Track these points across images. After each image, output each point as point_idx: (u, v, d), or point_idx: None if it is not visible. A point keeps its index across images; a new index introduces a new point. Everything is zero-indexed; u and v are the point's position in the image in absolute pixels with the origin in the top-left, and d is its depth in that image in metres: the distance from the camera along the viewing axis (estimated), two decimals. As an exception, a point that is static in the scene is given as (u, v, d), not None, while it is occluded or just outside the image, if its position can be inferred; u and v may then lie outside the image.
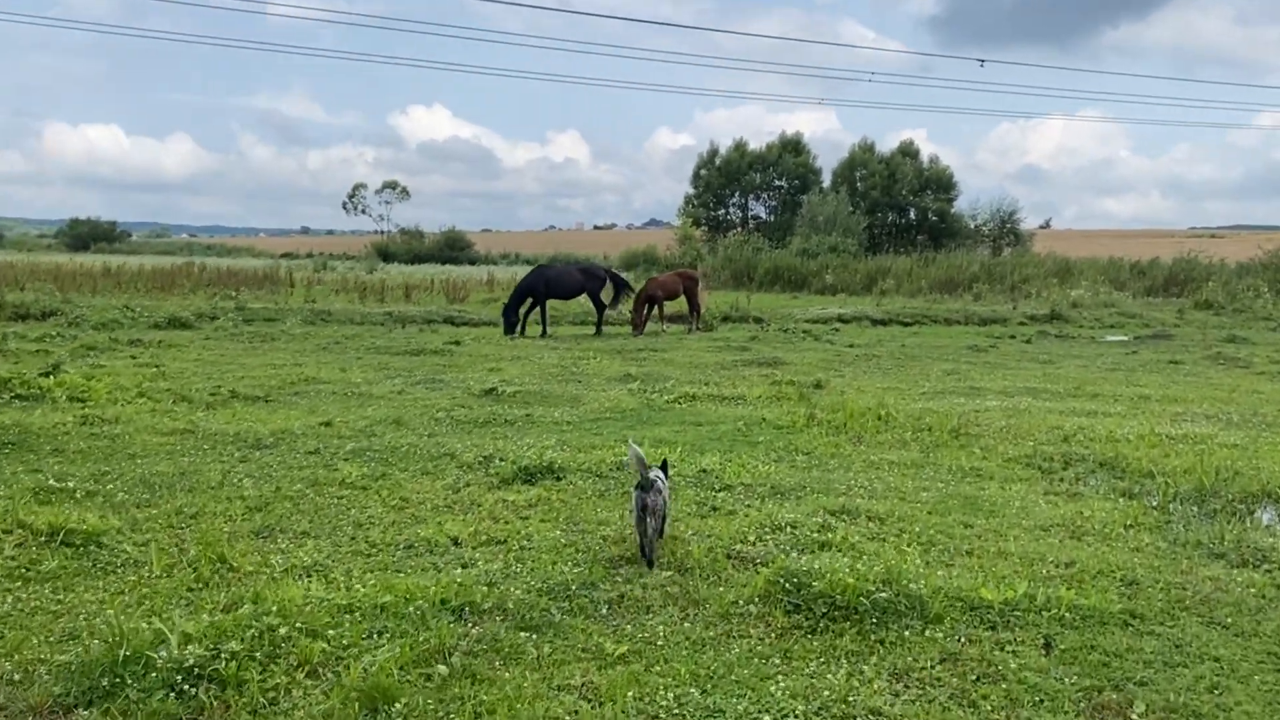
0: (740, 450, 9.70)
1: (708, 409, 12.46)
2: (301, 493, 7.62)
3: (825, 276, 48.97)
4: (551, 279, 23.28)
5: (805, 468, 9.10)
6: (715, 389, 14.12)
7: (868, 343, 22.41)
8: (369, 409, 11.89)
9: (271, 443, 9.70)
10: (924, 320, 31.83)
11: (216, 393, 12.55)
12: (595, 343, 21.29)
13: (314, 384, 13.89)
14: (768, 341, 21.57)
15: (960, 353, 20.86)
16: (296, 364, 16.06)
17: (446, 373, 15.56)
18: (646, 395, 13.37)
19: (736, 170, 77.63)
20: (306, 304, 29.56)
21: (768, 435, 10.66)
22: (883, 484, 8.52)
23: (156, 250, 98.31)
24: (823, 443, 10.28)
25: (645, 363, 17.62)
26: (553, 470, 8.29)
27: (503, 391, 13.17)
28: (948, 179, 74.92)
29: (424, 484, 8.02)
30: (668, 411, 12.26)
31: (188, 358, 16.47)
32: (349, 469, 8.28)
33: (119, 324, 22.42)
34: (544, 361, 17.21)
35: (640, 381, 14.73)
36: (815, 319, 31.24)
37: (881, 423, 11.38)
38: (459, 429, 10.67)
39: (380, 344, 19.22)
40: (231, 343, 19.39)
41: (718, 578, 5.87)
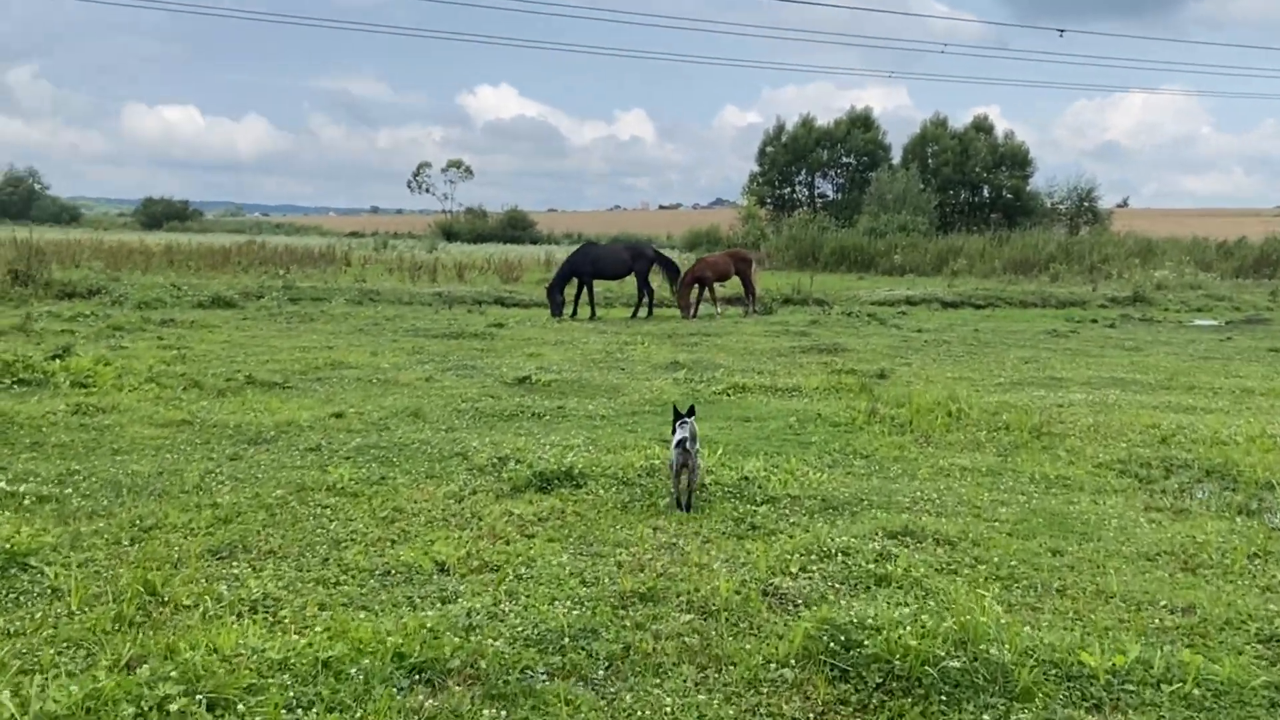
0: (789, 452, 8.58)
1: (758, 402, 11.33)
2: (282, 500, 6.69)
3: (893, 256, 47.25)
4: (597, 258, 22.23)
5: (863, 475, 7.95)
6: (768, 379, 12.97)
7: (937, 327, 21.02)
8: (389, 398, 10.98)
9: (271, 437, 8.81)
10: (998, 302, 30.22)
11: (233, 378, 11.74)
12: (645, 326, 20.21)
13: (339, 369, 13.04)
14: (829, 326, 20.31)
15: (1038, 338, 19.39)
16: (327, 346, 15.25)
17: (483, 358, 14.62)
18: (692, 385, 12.28)
19: (803, 147, 75.66)
20: (356, 283, 28.91)
21: (822, 434, 9.51)
22: (953, 496, 7.34)
23: (227, 229, 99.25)
24: (884, 444, 9.11)
25: (696, 349, 16.51)
26: (572, 476, 7.26)
27: (536, 380, 12.17)
28: (1023, 155, 72.25)
29: (424, 491, 7.04)
30: (714, 405, 11.16)
31: (217, 339, 15.76)
32: (344, 471, 7.33)
33: (161, 303, 21.89)
34: (588, 346, 16.19)
35: (687, 370, 13.64)
36: (882, 301, 29.82)
37: (952, 419, 10.16)
38: (480, 423, 9.70)
39: (420, 326, 18.38)
40: (269, 323, 18.70)
41: (749, 624, 4.79)
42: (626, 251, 22.55)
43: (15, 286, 23.39)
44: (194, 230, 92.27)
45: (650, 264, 22.16)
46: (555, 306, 21.48)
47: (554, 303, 21.49)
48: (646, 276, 22.15)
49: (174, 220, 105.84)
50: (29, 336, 14.84)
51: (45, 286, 23.99)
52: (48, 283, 24.21)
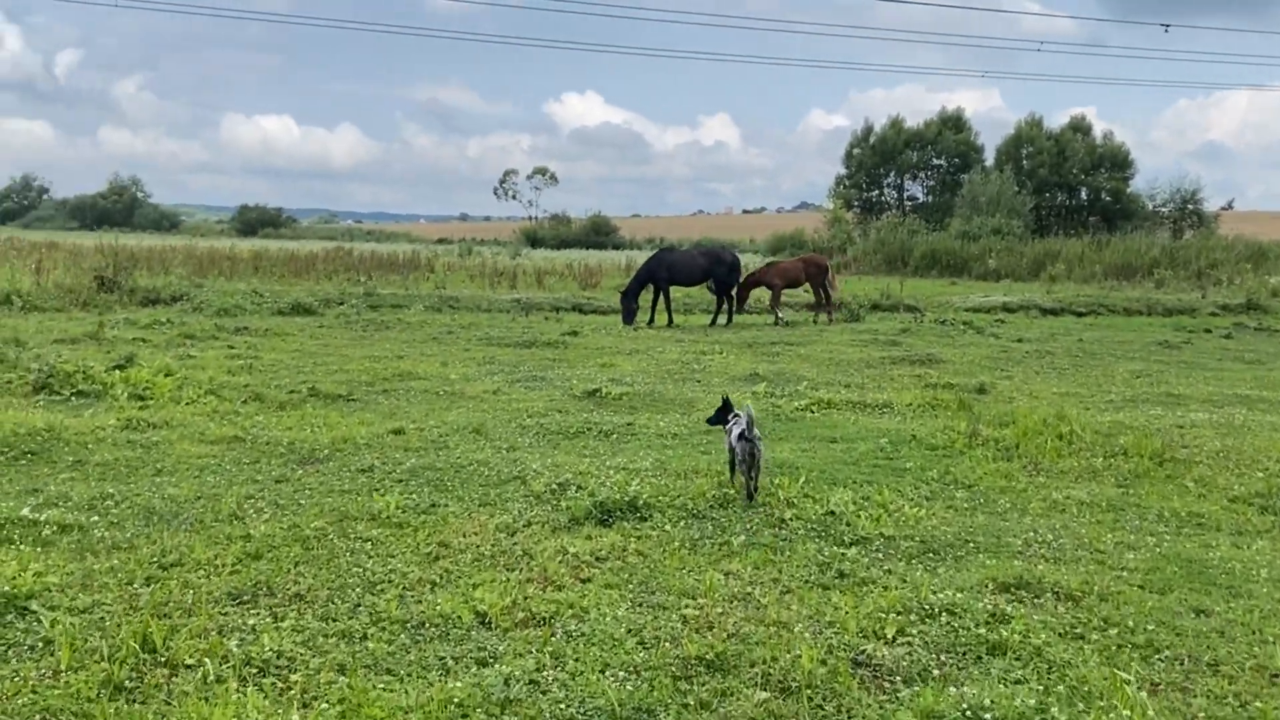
0: (881, 481, 7.74)
1: (845, 420, 10.49)
2: (321, 532, 6.11)
3: (987, 261, 45.59)
4: (673, 264, 21.48)
5: (966, 510, 7.08)
6: (856, 393, 12.11)
7: (1039, 336, 19.81)
8: (453, 412, 10.42)
9: (325, 456, 8.29)
10: (1100, 310, 28.69)
11: (296, 390, 11.32)
12: (725, 335, 19.41)
13: (407, 380, 12.55)
14: (921, 334, 19.27)
15: (1149, 349, 18.09)
16: (398, 356, 14.81)
17: (554, 368, 14.01)
18: (773, 400, 11.48)
19: (892, 149, 73.94)
20: (436, 290, 28.68)
21: (918, 459, 8.63)
22: (1071, 537, 6.44)
23: (319, 235, 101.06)
24: (988, 471, 8.21)
25: (777, 359, 15.67)
26: (636, 507, 6.55)
27: (607, 393, 11.51)
28: (1123, 156, 69.48)
29: (475, 522, 6.40)
30: (796, 423, 10.35)
31: (288, 348, 15.46)
32: (392, 498, 6.74)
33: (240, 309, 21.83)
34: (663, 356, 15.47)
35: (768, 383, 12.83)
36: (976, 308, 28.54)
37: (1063, 443, 9.19)
38: (544, 441, 9.05)
39: (494, 334, 17.87)
40: (344, 330, 18.40)
41: (837, 704, 4.02)
42: (703, 257, 21.76)
43: (100, 293, 23.59)
44: (287, 237, 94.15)
45: (729, 269, 21.34)
46: (627, 314, 20.82)
47: (626, 310, 20.84)
48: (725, 282, 21.33)
49: (268, 227, 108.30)
50: (100, 344, 14.69)
51: (130, 293, 24.16)
52: (132, 289, 24.38)
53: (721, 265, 21.30)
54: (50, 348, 13.98)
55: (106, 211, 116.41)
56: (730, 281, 21.43)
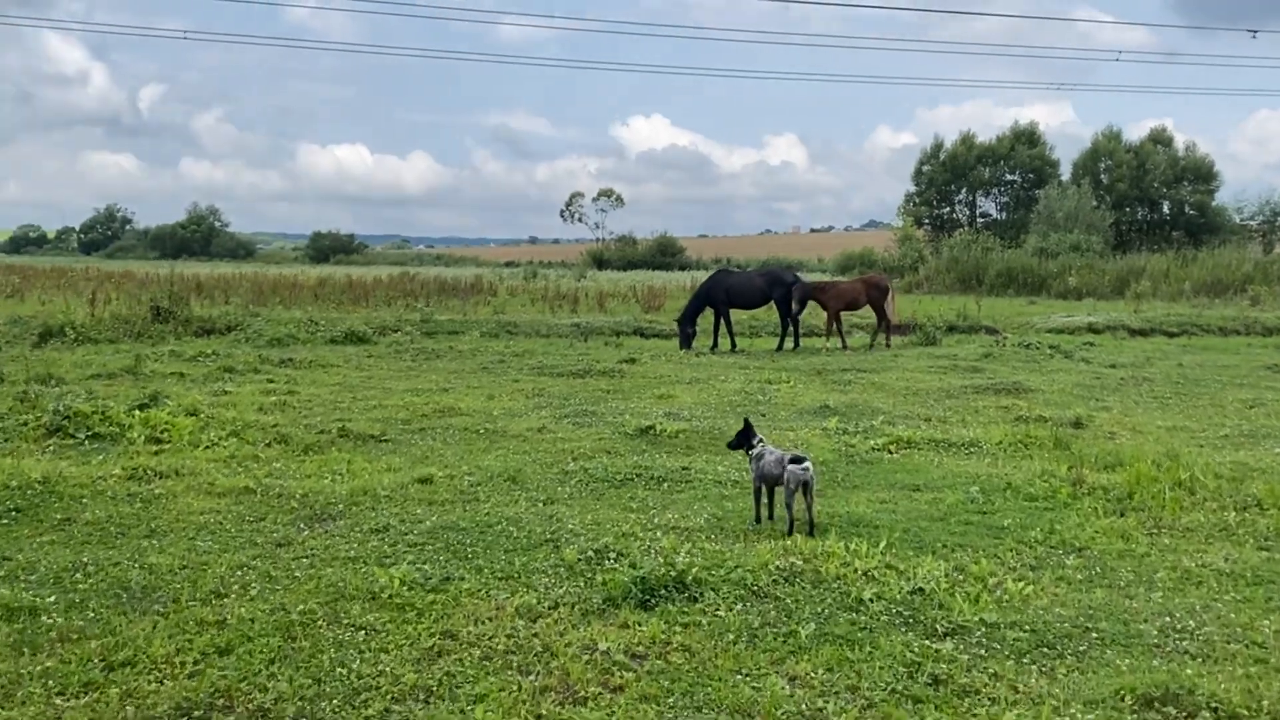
0: (976, 544, 6.60)
1: (928, 463, 9.33)
2: (309, 616, 5.18)
3: (1067, 279, 43.70)
4: (730, 286, 20.38)
5: (1081, 583, 5.91)
6: (938, 429, 10.93)
7: (1133, 361, 18.32)
8: (491, 455, 9.48)
9: (338, 512, 7.40)
10: (1193, 330, 26.92)
11: (326, 430, 10.50)
12: (792, 360, 18.27)
13: (447, 416, 11.68)
14: (1004, 359, 17.93)
15: (1258, 375, 16.53)
16: (443, 389, 13.96)
17: (607, 400, 13.04)
18: (845, 438, 10.35)
19: (963, 165, 72.01)
20: (495, 315, 27.98)
21: (1016, 513, 7.46)
22: (1217, 622, 5.25)
23: (389, 261, 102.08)
24: (1100, 528, 7.01)
25: (849, 388, 14.51)
26: (685, 585, 5.50)
27: (661, 431, 10.49)
28: (1207, 168, 66.70)
29: (491, 603, 5.41)
30: (872, 465, 9.22)
31: (329, 381, 14.71)
32: (400, 570, 5.78)
33: (293, 339, 21.26)
34: (725, 386, 14.40)
35: (840, 416, 11.70)
36: (1060, 329, 26.97)
37: (1184, 492, 7.94)
38: (586, 492, 8.05)
39: (548, 362, 16.97)
40: (393, 361, 17.65)
41: None
42: (762, 278, 20.63)
43: (155, 324, 23.25)
44: (358, 263, 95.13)
45: (789, 291, 20.19)
46: (684, 339, 19.79)
47: (684, 335, 19.82)
48: (789, 305, 20.17)
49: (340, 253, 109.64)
50: (137, 379, 14.10)
51: (185, 323, 23.78)
52: (187, 319, 24.01)
53: (781, 286, 20.16)
54: (83, 384, 13.40)
55: (185, 241, 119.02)
56: (789, 302, 20.31)
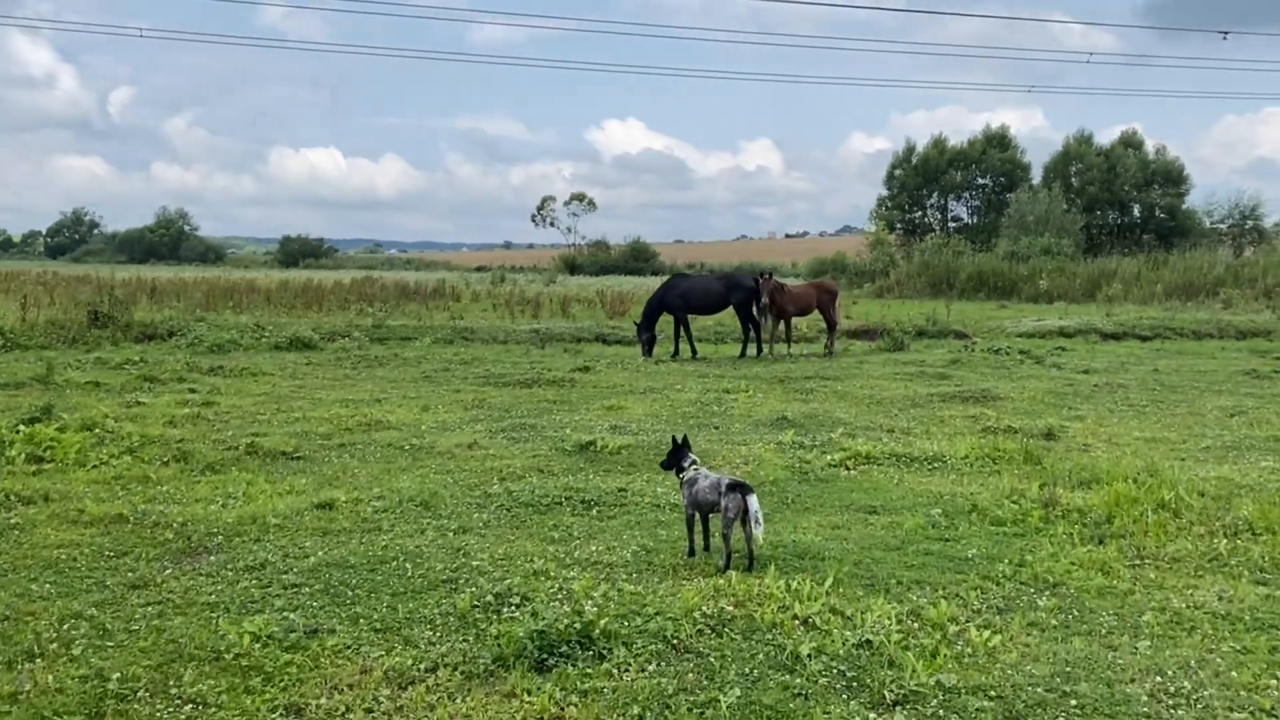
0: (936, 581, 5.79)
1: (887, 481, 8.53)
2: (129, 686, 4.28)
3: (1038, 282, 43.22)
4: (686, 291, 19.55)
5: (1057, 629, 5.10)
6: (901, 442, 10.14)
7: (1106, 366, 17.63)
8: (409, 475, 8.60)
9: (218, 544, 6.50)
10: (1166, 333, 26.34)
11: (235, 446, 9.59)
12: (754, 368, 17.45)
13: (373, 430, 10.78)
14: (974, 366, 17.19)
15: (1236, 380, 15.87)
16: (377, 399, 13.06)
17: (552, 412, 12.18)
18: (800, 453, 9.53)
19: (935, 169, 71.68)
20: (453, 320, 27.03)
21: (982, 541, 6.66)
22: (1215, 681, 4.46)
23: (359, 265, 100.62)
24: (1075, 559, 6.22)
25: (811, 397, 13.71)
26: (592, 639, 4.65)
27: (602, 447, 9.63)
28: (1177, 172, 66.72)
29: (357, 665, 4.54)
30: (827, 484, 8.41)
31: (257, 391, 13.76)
32: (258, 621, 4.90)
33: (235, 344, 20.29)
34: (680, 396, 13.55)
35: (797, 429, 10.89)
36: (1031, 333, 26.34)
37: (1168, 514, 7.17)
38: (505, 519, 7.18)
39: (497, 370, 16.06)
40: (332, 368, 16.70)
41: None
42: (720, 282, 19.80)
43: (92, 329, 22.17)
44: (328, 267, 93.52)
45: (751, 295, 19.38)
46: (645, 346, 18.97)
47: (643, 342, 19.00)
48: (750, 310, 19.37)
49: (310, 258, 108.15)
50: (47, 388, 13.11)
51: (125, 328, 22.72)
52: (127, 324, 22.95)
53: (740, 291, 19.33)
54: (-16, 395, 12.39)
55: (154, 245, 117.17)
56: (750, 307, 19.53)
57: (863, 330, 26.90)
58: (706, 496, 6.02)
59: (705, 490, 6.03)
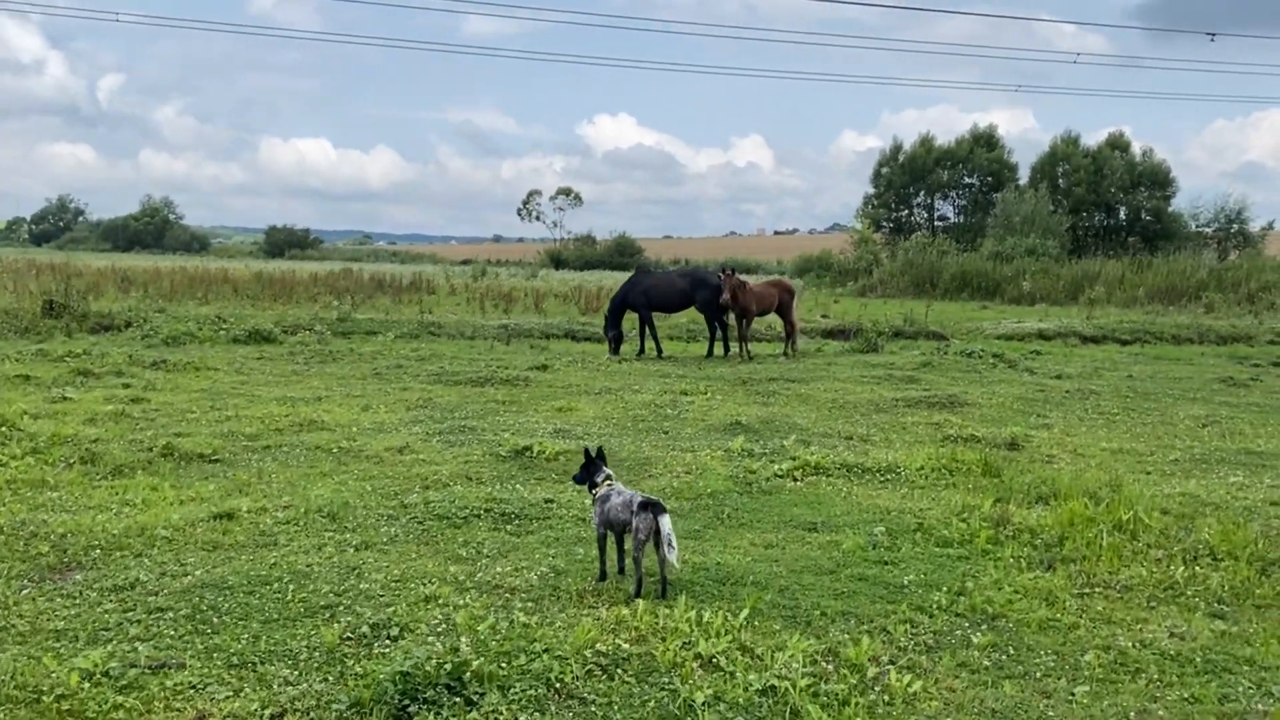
0: (865, 610, 5.32)
1: (834, 493, 8.06)
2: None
3: (1021, 283, 42.85)
4: (649, 288, 19.05)
5: (988, 671, 4.63)
6: (856, 451, 9.68)
7: (1081, 372, 17.19)
8: (327, 483, 8.09)
9: (93, 559, 5.98)
10: (1146, 337, 26.00)
11: (151, 447, 9.06)
12: (719, 368, 16.97)
13: (305, 431, 10.26)
14: (945, 370, 16.73)
15: (1211, 388, 15.46)
16: (319, 397, 12.53)
17: (499, 413, 11.68)
18: (748, 461, 9.04)
19: (922, 167, 71.24)
20: (422, 314, 26.48)
21: (923, 565, 6.19)
22: (1157, 736, 3.99)
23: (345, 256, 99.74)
24: (1021, 587, 5.76)
25: (772, 400, 13.23)
26: (463, 683, 4.15)
27: (539, 452, 9.13)
28: (1164, 174, 66.37)
29: (195, 706, 4.04)
30: (770, 496, 7.93)
31: (196, 386, 13.21)
32: (95, 656, 4.39)
33: (191, 337, 19.73)
34: (636, 398, 13.05)
35: (750, 435, 10.41)
36: (1010, 334, 25.97)
37: (1125, 536, 6.72)
38: (415, 533, 6.68)
39: (452, 368, 15.52)
40: (283, 363, 16.14)
41: None
42: (684, 279, 19.27)
43: (46, 318, 21.57)
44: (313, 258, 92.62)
45: (716, 294, 18.91)
46: (612, 344, 18.50)
47: (610, 340, 18.52)
48: (715, 309, 18.89)
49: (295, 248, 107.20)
50: (-28, 383, 12.54)
51: (81, 319, 22.15)
52: (84, 315, 22.38)
53: (705, 288, 18.81)
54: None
55: (138, 233, 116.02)
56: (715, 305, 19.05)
57: (838, 330, 26.46)
58: (619, 515, 5.54)
59: (617, 508, 5.56)
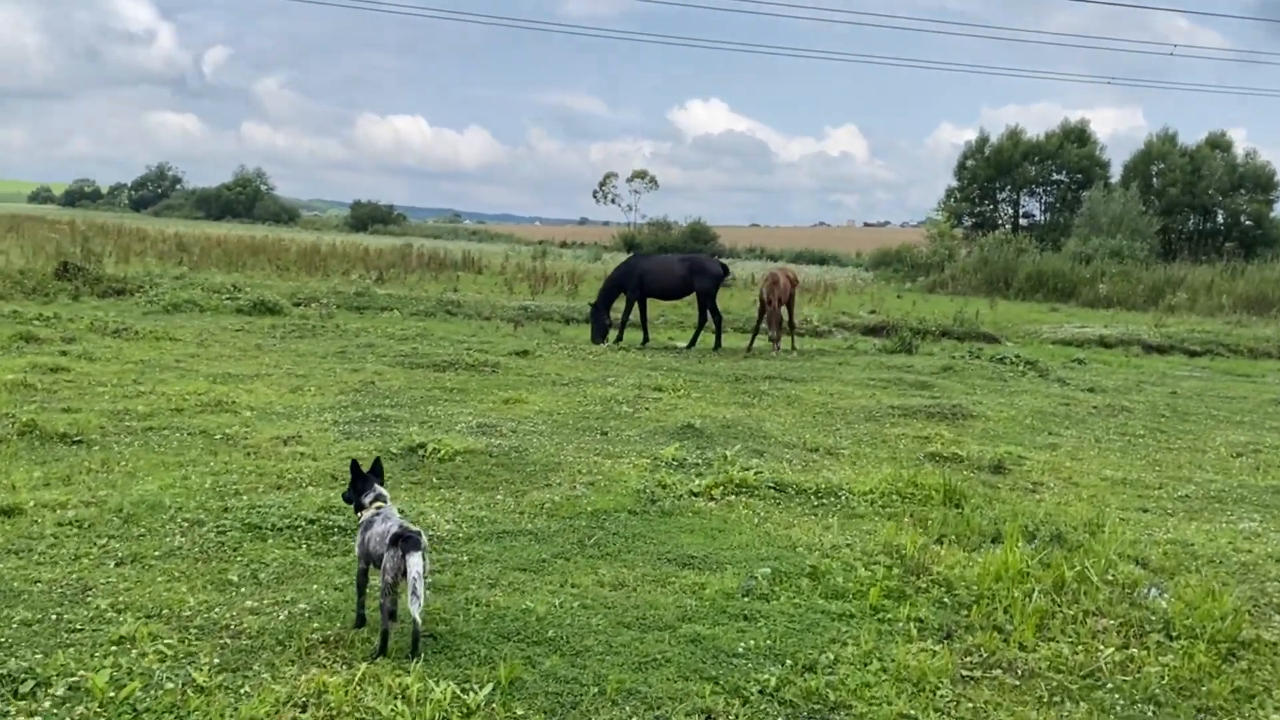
0: (662, 691, 4.14)
1: (744, 520, 6.85)
2: None
3: (1098, 286, 40.47)
4: (645, 272, 17.86)
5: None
6: (807, 468, 8.45)
7: (1121, 385, 15.51)
8: (169, 474, 7.15)
9: None
10: (1219, 350, 23.95)
11: (16, 422, 8.24)
12: (715, 362, 15.72)
13: (208, 412, 9.39)
14: (966, 375, 15.22)
15: (1265, 410, 13.70)
16: (256, 375, 11.67)
17: (436, 402, 10.68)
18: (666, 474, 7.85)
19: (1009, 161, 68.35)
20: (444, 292, 25.71)
21: (784, 623, 4.97)
22: None
23: (425, 233, 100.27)
24: (893, 667, 4.52)
25: (755, 402, 11.98)
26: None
27: (434, 451, 8.09)
28: (1267, 177, 62.63)
29: None
30: (664, 520, 6.76)
31: (137, 357, 12.46)
32: None
33: (194, 304, 19.27)
34: (600, 391, 11.89)
35: (697, 440, 9.23)
36: (1068, 339, 24.19)
37: (1064, 598, 5.40)
38: (198, 549, 5.67)
39: (425, 349, 14.52)
40: (256, 336, 15.33)
41: None
42: (682, 265, 18.00)
43: (58, 279, 21.30)
44: (395, 233, 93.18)
45: (717, 282, 17.63)
46: (597, 330, 17.41)
47: (596, 325, 17.44)
48: (713, 297, 17.63)
49: (378, 223, 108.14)
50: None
51: (95, 281, 21.88)
52: (98, 278, 22.10)
53: (705, 276, 17.55)
54: None
55: (230, 202, 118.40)
56: (715, 295, 17.79)
57: (879, 327, 24.91)
58: (377, 548, 4.46)
59: (377, 539, 4.48)
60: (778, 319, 17.41)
